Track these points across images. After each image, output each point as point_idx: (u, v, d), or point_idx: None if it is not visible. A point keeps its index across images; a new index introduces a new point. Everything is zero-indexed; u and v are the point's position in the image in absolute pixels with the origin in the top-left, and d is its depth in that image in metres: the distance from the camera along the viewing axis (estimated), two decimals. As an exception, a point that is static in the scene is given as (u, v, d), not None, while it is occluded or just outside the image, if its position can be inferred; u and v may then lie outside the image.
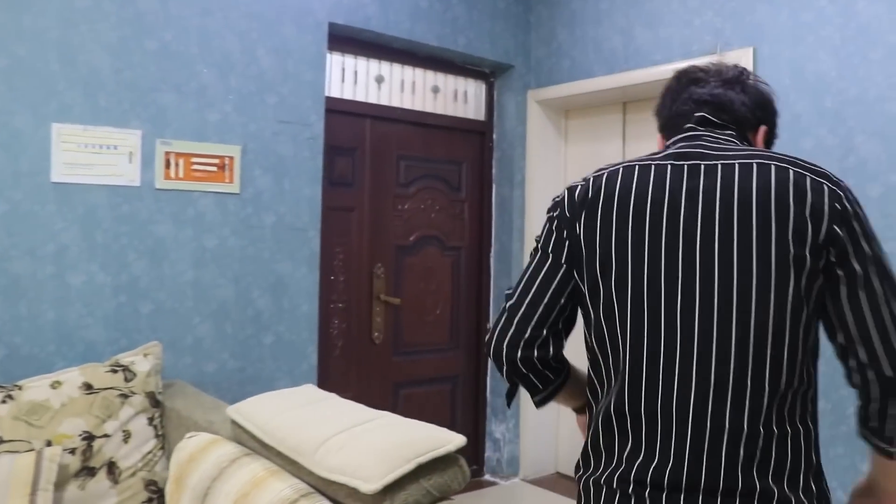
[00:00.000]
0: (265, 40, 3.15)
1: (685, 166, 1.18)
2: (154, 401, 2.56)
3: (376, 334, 3.70)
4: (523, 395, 1.49)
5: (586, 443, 1.26)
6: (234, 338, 3.11)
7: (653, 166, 1.21)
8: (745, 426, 1.09)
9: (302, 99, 3.27)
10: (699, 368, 1.11)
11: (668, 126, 1.35)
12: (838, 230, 1.10)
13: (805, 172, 1.14)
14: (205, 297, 3.03)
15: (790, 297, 1.10)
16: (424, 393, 3.87)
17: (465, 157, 4.06)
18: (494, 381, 4.12)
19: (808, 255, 1.09)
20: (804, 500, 1.10)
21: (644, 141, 3.76)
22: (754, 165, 1.14)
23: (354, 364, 3.65)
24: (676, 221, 1.15)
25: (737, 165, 1.15)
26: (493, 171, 4.17)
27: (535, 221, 4.05)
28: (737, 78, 1.33)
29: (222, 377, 3.08)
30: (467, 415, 4.09)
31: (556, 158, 4.15)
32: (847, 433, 2.68)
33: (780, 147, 1.40)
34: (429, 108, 3.91)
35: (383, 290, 3.71)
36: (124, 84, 2.81)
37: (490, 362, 4.07)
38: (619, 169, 1.24)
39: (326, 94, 3.48)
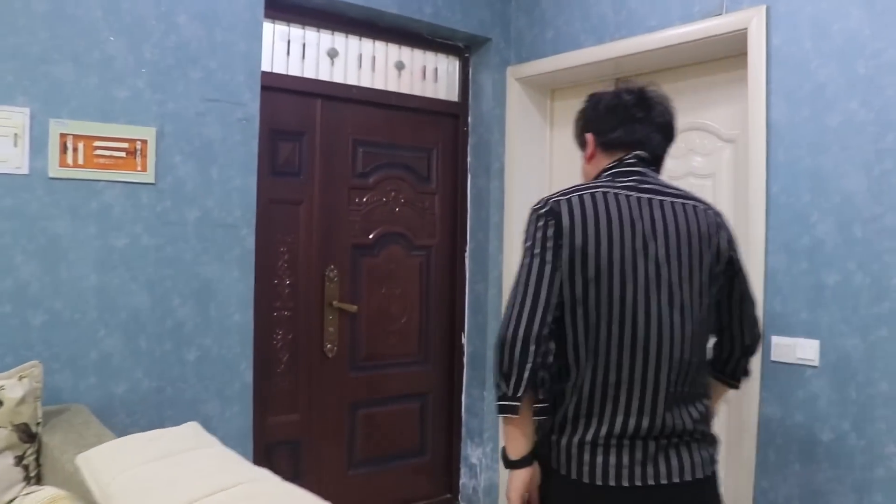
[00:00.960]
0: (187, 4, 2.67)
1: (647, 199, 1.59)
2: (27, 434, 2.10)
3: (329, 346, 3.22)
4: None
5: (565, 413, 1.55)
6: (150, 353, 2.64)
7: (622, 194, 1.58)
8: (689, 390, 1.57)
9: (233, 74, 2.79)
10: (666, 352, 1.53)
11: (609, 144, 1.71)
12: (731, 249, 1.65)
13: (711, 209, 1.65)
14: (112, 306, 2.56)
15: (711, 299, 1.61)
16: (388, 413, 3.39)
17: (435, 144, 3.57)
18: (470, 400, 3.63)
19: (720, 269, 1.62)
20: (713, 433, 1.63)
21: (638, 123, 3.26)
22: (688, 204, 1.62)
23: (303, 381, 3.17)
24: (646, 242, 1.54)
25: (678, 203, 1.60)
26: (468, 159, 3.67)
27: (515, 216, 3.55)
28: (670, 126, 1.75)
29: (136, 400, 2.62)
30: (439, 437, 3.60)
31: (540, 145, 3.66)
32: (886, 477, 2.17)
33: (802, 126, 2.01)
34: (392, 87, 3.43)
35: (337, 295, 3.23)
36: (6, 52, 2.35)
37: (466, 374, 3.60)
38: (586, 195, 1.57)
39: (266, 69, 3.01)
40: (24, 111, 2.39)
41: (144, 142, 2.60)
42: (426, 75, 3.56)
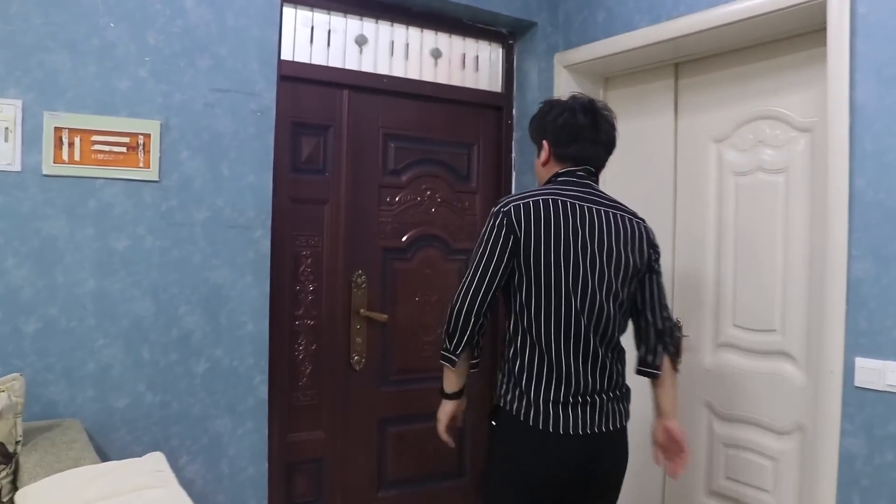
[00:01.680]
0: (196, -13, 2.47)
1: (588, 207, 1.96)
2: (3, 454, 1.91)
3: (356, 358, 2.97)
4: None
5: (520, 380, 1.93)
6: (154, 365, 2.44)
7: (568, 202, 1.93)
8: (613, 356, 1.99)
9: (245, 61, 2.57)
10: (601, 328, 1.93)
11: (563, 156, 2.04)
12: (651, 250, 2.07)
13: (637, 218, 2.06)
14: (112, 313, 2.37)
15: (630, 288, 2.02)
16: (420, 431, 3.09)
17: (476, 139, 3.28)
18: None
19: (642, 267, 2.04)
20: (627, 390, 2.06)
21: (701, 113, 2.90)
22: (619, 214, 2.01)
23: (327, 396, 2.92)
24: (585, 240, 1.92)
25: (611, 212, 1.99)
26: (513, 154, 3.36)
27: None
28: (612, 142, 2.09)
29: (138, 415, 2.42)
30: (479, 457, 3.29)
31: (593, 139, 3.32)
32: None
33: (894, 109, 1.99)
34: (427, 77, 3.16)
35: (365, 303, 2.97)
36: (-5, 40, 2.19)
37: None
38: (539, 200, 1.92)
39: (287, 57, 2.78)
40: (16, 103, 2.22)
41: (147, 136, 2.40)
42: (465, 64, 3.28)
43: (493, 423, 2.02)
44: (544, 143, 2.06)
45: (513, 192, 3.36)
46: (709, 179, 2.87)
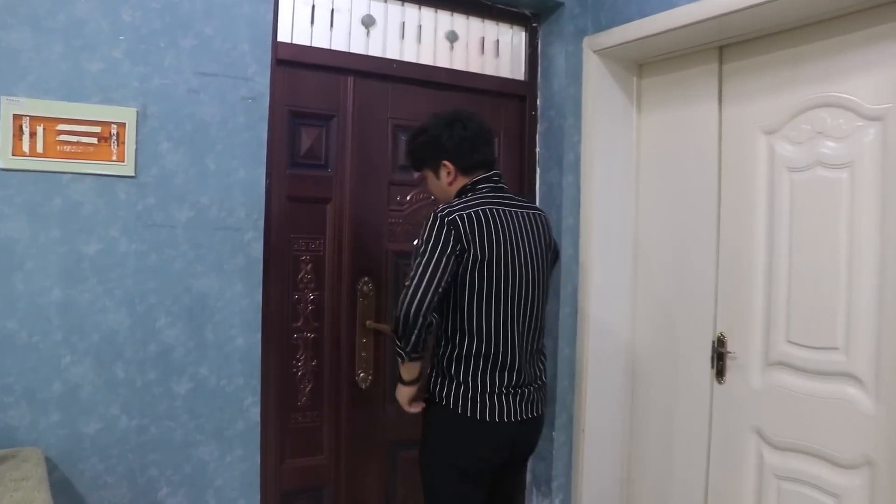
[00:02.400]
0: (179, -43, 2.19)
1: (510, 211, 2.13)
2: (-62, 495, 1.63)
3: (362, 375, 2.67)
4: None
5: (457, 376, 2.09)
6: (129, 385, 2.15)
7: (498, 209, 2.10)
8: (538, 347, 2.22)
9: (235, 42, 2.28)
10: (535, 323, 2.17)
11: (469, 167, 2.18)
12: (554, 242, 2.33)
13: (542, 212, 2.26)
14: (80, 327, 2.08)
15: (548, 282, 2.25)
16: (433, 456, 2.79)
17: (497, 132, 2.94)
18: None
19: (552, 258, 2.30)
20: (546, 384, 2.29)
21: (749, 102, 2.57)
22: (531, 212, 2.21)
23: (329, 417, 2.63)
24: (520, 245, 2.11)
25: (527, 213, 2.19)
26: (537, 149, 3.05)
27: (595, 217, 2.92)
28: (493, 141, 2.29)
29: (111, 441, 2.14)
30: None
31: (625, 131, 3.00)
32: None
33: None
34: (442, 63, 2.85)
35: (372, 314, 2.67)
36: (-56, 14, 1.91)
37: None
38: (480, 211, 2.06)
39: (285, 39, 2.49)
40: (-31, 87, 1.95)
41: (122, 125, 2.12)
42: (485, 49, 2.96)
43: (427, 417, 2.19)
44: (445, 163, 2.17)
45: (537, 190, 3.04)
46: (758, 177, 2.53)
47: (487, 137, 2.21)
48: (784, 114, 2.45)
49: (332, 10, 2.61)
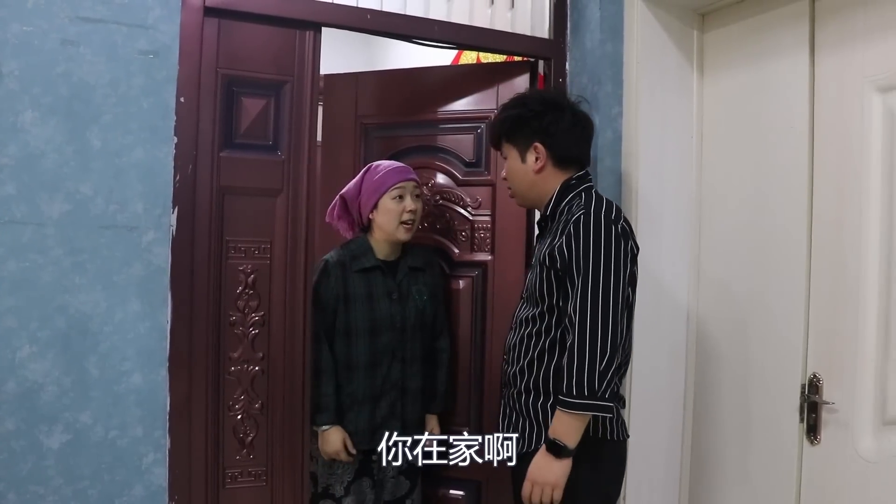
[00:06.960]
0: None
1: None
2: None
3: (324, 419, 2.05)
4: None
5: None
6: (-23, 437, 1.60)
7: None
8: None
9: (131, -24, 1.72)
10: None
11: (565, 160, 1.86)
12: None
13: None
14: None
15: None
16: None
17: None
18: None
19: None
20: None
21: (855, 49, 1.83)
22: None
23: (282, 472, 2.01)
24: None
25: None
26: (566, 127, 2.37)
27: (640, 216, 2.22)
28: None
29: (-48, 513, 1.59)
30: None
31: (683, 102, 2.29)
32: None
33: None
34: (436, 15, 2.21)
35: (335, 339, 2.05)
36: None
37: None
38: (621, 208, 1.85)
39: (214, -20, 1.91)
40: None
41: (-35, 87, 1.58)
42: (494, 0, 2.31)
43: (584, 472, 1.71)
44: (537, 145, 1.85)
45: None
46: (871, 152, 1.77)
47: (591, 133, 1.95)
48: (909, 62, 1.70)
49: (285, -54, 2.02)
